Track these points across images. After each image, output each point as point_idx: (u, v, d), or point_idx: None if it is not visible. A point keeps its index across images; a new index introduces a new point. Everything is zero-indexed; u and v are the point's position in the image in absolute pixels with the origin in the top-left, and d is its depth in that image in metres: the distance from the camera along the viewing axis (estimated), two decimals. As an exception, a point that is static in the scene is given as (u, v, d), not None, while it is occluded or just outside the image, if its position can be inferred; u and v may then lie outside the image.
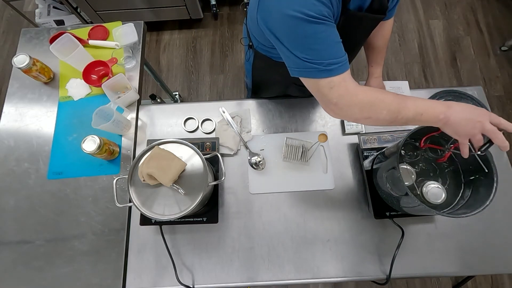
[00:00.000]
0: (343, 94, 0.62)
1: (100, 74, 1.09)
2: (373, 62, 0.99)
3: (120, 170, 0.99)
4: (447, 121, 0.61)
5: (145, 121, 1.07)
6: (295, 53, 0.61)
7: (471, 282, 1.64)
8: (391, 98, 0.62)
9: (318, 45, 0.59)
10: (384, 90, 0.70)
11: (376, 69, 0.99)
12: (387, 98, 0.62)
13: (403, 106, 0.61)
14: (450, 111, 0.60)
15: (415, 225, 0.91)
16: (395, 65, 2.15)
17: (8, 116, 1.08)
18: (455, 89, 1.04)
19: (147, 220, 0.91)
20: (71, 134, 1.03)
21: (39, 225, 0.94)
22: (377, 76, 1.00)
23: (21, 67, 1.01)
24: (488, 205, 0.67)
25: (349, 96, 0.62)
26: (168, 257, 0.87)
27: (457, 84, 2.08)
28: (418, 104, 0.62)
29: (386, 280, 0.85)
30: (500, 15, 2.24)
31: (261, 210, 0.94)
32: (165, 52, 2.26)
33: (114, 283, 0.88)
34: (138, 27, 1.17)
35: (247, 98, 1.18)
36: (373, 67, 1.00)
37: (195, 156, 0.80)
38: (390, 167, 0.78)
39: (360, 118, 0.64)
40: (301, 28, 0.57)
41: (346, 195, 0.95)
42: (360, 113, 0.63)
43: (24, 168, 1.00)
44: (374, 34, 0.93)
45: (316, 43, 0.59)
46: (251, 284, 0.88)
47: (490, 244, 0.89)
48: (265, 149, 1.00)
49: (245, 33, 0.94)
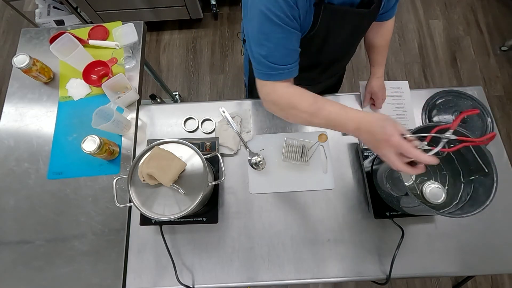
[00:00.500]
0: (269, 93, 0.70)
1: (100, 74, 1.09)
2: (374, 62, 1.00)
3: (120, 170, 0.99)
4: (359, 135, 0.63)
5: (145, 121, 1.07)
6: (251, 44, 0.67)
7: (471, 282, 1.64)
8: (307, 104, 0.66)
9: (269, 43, 0.63)
10: (307, 93, 0.67)
11: (378, 70, 1.00)
12: (302, 104, 0.66)
13: (316, 116, 0.66)
14: (357, 132, 0.62)
15: (415, 225, 0.91)
16: (395, 65, 2.15)
17: (8, 116, 1.08)
18: (455, 89, 1.04)
19: (147, 220, 0.91)
20: (71, 134, 1.03)
21: (39, 225, 0.94)
22: (379, 76, 1.00)
23: (21, 67, 1.01)
24: (488, 205, 0.67)
25: (273, 95, 0.69)
26: (168, 257, 0.87)
27: (457, 84, 2.08)
28: (331, 118, 0.65)
29: (386, 280, 0.85)
30: (500, 15, 2.24)
31: (261, 210, 0.94)
32: (165, 52, 2.26)
33: (114, 283, 0.88)
34: (138, 27, 1.18)
35: (247, 97, 1.18)
36: (374, 67, 1.00)
37: (195, 156, 0.80)
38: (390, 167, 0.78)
39: (280, 115, 0.72)
40: (260, 23, 0.62)
41: (346, 195, 0.95)
42: (280, 112, 0.71)
43: (24, 168, 1.00)
44: (374, 34, 0.94)
45: (267, 41, 0.63)
46: (251, 284, 0.88)
47: (490, 244, 0.89)
48: (265, 149, 1.00)
49: (243, 27, 0.95)
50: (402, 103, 1.04)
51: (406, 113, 1.03)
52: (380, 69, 0.99)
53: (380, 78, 1.00)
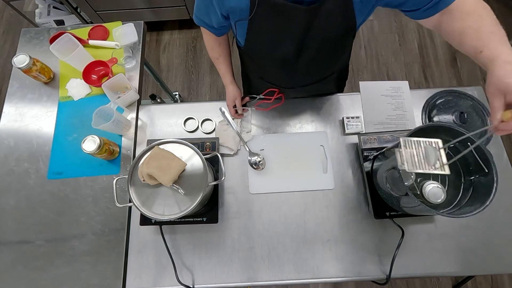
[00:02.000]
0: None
1: (100, 74, 1.09)
2: (478, 45, 0.60)
3: (120, 170, 0.99)
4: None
5: (145, 121, 1.07)
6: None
7: (471, 282, 1.64)
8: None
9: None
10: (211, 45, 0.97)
11: (497, 50, 0.57)
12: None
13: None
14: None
15: (415, 225, 0.91)
16: (395, 65, 2.15)
17: (8, 116, 1.08)
18: (455, 89, 1.04)
19: (147, 220, 0.91)
20: (71, 134, 1.03)
21: (39, 225, 0.94)
22: (507, 60, 0.55)
23: (21, 67, 1.01)
24: (488, 205, 0.67)
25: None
26: (168, 257, 0.87)
27: (457, 84, 2.08)
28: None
29: (386, 280, 0.85)
30: (500, 15, 2.22)
31: (261, 210, 0.94)
32: (165, 52, 2.26)
33: (114, 283, 0.88)
34: (138, 27, 1.18)
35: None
36: (484, 52, 0.59)
37: (195, 156, 0.80)
38: (390, 167, 0.78)
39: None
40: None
41: (346, 195, 0.95)
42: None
43: (24, 168, 1.00)
44: (449, 24, 0.65)
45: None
46: (251, 284, 0.88)
47: (490, 244, 0.89)
48: (265, 149, 1.00)
49: None
50: (402, 103, 1.04)
51: (406, 113, 1.03)
52: (499, 48, 0.57)
53: (509, 63, 0.55)
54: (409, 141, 0.69)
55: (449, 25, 0.65)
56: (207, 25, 0.86)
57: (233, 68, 1.04)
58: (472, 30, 0.61)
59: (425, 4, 0.66)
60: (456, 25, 0.64)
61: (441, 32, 0.69)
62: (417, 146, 0.69)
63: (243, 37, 0.82)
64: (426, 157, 0.68)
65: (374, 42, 2.22)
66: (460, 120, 0.97)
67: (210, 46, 0.97)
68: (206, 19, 0.83)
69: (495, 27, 0.60)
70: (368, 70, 2.15)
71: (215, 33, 0.90)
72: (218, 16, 0.77)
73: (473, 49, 0.61)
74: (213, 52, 0.98)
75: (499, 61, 0.55)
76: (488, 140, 0.96)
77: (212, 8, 0.75)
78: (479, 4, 0.63)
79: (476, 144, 0.66)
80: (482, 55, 0.59)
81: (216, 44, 0.96)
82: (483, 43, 0.59)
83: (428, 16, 0.68)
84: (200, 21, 0.86)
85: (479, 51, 0.59)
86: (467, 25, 0.62)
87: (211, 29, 0.88)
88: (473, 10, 0.63)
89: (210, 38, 0.94)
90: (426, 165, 0.67)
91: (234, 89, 1.01)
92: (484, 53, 0.59)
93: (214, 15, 0.78)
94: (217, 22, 0.81)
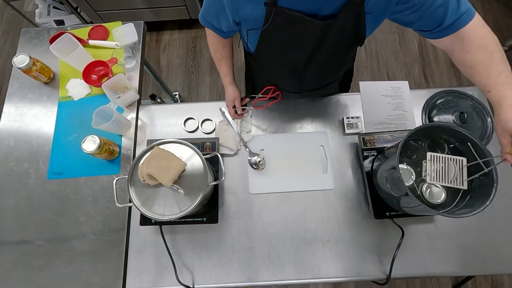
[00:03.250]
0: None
1: (100, 74, 1.09)
2: (487, 84, 0.65)
3: (120, 170, 0.99)
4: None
5: (145, 121, 1.07)
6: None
7: (471, 282, 1.64)
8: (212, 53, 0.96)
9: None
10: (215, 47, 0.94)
11: (505, 92, 0.63)
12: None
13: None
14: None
15: (415, 225, 0.91)
16: (395, 65, 2.15)
17: (8, 116, 1.08)
18: (455, 89, 1.04)
19: (147, 220, 0.91)
20: (71, 134, 1.03)
21: (39, 225, 0.94)
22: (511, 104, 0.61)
23: (21, 67, 1.01)
24: (488, 205, 0.67)
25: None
26: (168, 257, 0.87)
27: (457, 84, 2.08)
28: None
29: (386, 280, 0.85)
30: (500, 15, 2.24)
31: (261, 210, 0.94)
32: (165, 52, 2.26)
33: (114, 283, 0.88)
34: (138, 27, 1.17)
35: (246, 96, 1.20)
36: (491, 92, 0.64)
37: (195, 156, 0.80)
38: (390, 167, 0.78)
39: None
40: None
41: (346, 195, 0.95)
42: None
43: (24, 168, 1.00)
44: (460, 53, 0.69)
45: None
46: (251, 284, 0.88)
47: (490, 244, 0.89)
48: (265, 149, 1.00)
49: None
50: (402, 103, 1.05)
51: (406, 113, 1.03)
52: (506, 91, 0.62)
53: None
54: (436, 156, 0.75)
55: (461, 54, 0.69)
56: (215, 28, 0.84)
57: (233, 69, 1.04)
58: (482, 68, 0.66)
59: (433, 28, 0.68)
60: (467, 57, 0.68)
61: (453, 59, 0.73)
62: (441, 161, 0.75)
63: (254, 45, 0.83)
64: (447, 171, 0.74)
65: (374, 42, 2.22)
66: (460, 120, 0.97)
67: (214, 48, 0.95)
68: (215, 22, 0.81)
69: (503, 66, 0.64)
70: (368, 70, 2.15)
71: (222, 36, 0.88)
72: (229, 22, 0.76)
73: (482, 86, 0.67)
74: (216, 53, 0.96)
75: (505, 104, 0.62)
76: (488, 140, 0.96)
77: (224, 14, 0.74)
78: (489, 37, 0.66)
79: (490, 168, 0.70)
80: (490, 94, 0.65)
81: (220, 46, 0.94)
82: (492, 83, 0.64)
83: (438, 37, 0.70)
84: (206, 23, 0.84)
85: (487, 90, 0.65)
86: (477, 61, 0.66)
87: (218, 32, 0.86)
88: (484, 44, 0.66)
89: (215, 40, 0.92)
90: (446, 179, 0.74)
91: (234, 90, 1.01)
92: (492, 93, 0.64)
93: (225, 20, 0.77)
94: (227, 27, 0.80)
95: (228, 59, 0.99)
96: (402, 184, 0.70)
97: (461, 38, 0.67)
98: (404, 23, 0.71)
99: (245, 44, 0.94)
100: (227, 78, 1.01)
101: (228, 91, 1.02)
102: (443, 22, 0.65)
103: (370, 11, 0.67)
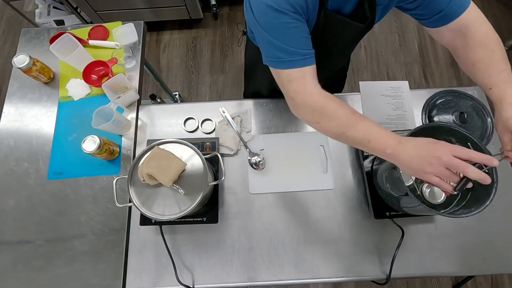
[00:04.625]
0: (299, 90, 0.62)
1: (100, 74, 1.09)
2: (488, 82, 0.66)
3: (120, 170, 0.99)
4: (395, 158, 0.59)
5: (145, 121, 1.07)
6: (263, 39, 0.63)
7: (471, 282, 1.64)
8: (344, 113, 0.62)
9: (283, 34, 0.61)
10: (344, 103, 0.64)
11: (505, 91, 0.63)
12: (340, 111, 0.62)
13: (353, 125, 0.61)
14: (399, 147, 0.58)
15: (415, 225, 0.91)
16: (395, 65, 2.15)
17: (8, 116, 1.08)
18: (455, 89, 1.03)
19: (147, 220, 0.91)
20: (71, 134, 1.03)
21: (39, 225, 0.94)
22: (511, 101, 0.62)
23: (21, 67, 1.01)
24: (488, 205, 0.67)
25: (305, 94, 0.62)
26: (168, 257, 0.87)
27: (457, 84, 2.08)
28: (370, 130, 0.61)
29: (386, 280, 0.85)
30: (500, 15, 2.24)
31: (261, 210, 0.94)
32: (165, 52, 2.26)
33: (114, 283, 0.88)
34: (138, 27, 1.17)
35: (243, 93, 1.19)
36: (493, 90, 0.65)
37: (195, 156, 0.80)
38: (390, 167, 0.78)
39: (311, 120, 0.65)
40: (270, 16, 0.59)
41: (346, 195, 0.95)
42: (311, 114, 0.63)
43: (24, 168, 1.00)
44: (467, 48, 0.69)
45: (282, 32, 0.61)
46: (251, 284, 0.88)
47: (490, 244, 0.89)
48: (265, 149, 1.00)
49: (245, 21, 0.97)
50: (402, 103, 1.05)
51: (406, 113, 1.03)
52: (507, 89, 0.63)
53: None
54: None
55: (463, 51, 0.70)
56: (308, 54, 0.63)
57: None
58: (483, 66, 0.67)
59: (433, 15, 0.69)
60: (469, 54, 0.69)
61: (455, 56, 0.73)
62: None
63: None
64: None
65: (374, 42, 2.22)
66: (460, 120, 0.97)
67: (337, 103, 0.63)
68: (305, 46, 0.62)
69: (504, 65, 0.66)
70: (368, 70, 2.15)
71: (313, 58, 0.66)
72: (306, 27, 0.64)
73: (483, 84, 0.68)
74: (345, 110, 0.63)
75: (506, 103, 0.62)
76: (488, 140, 0.96)
77: (301, 24, 0.62)
78: (491, 35, 0.68)
79: (489, 167, 0.68)
80: (491, 92, 0.66)
81: (342, 102, 0.64)
82: (493, 81, 0.65)
83: (437, 26, 0.71)
84: (297, 59, 0.61)
85: (488, 88, 0.66)
86: (479, 58, 0.67)
87: (311, 57, 0.64)
88: (485, 41, 0.67)
89: (330, 96, 0.64)
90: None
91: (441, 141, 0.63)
92: (493, 91, 0.65)
93: (305, 31, 0.63)
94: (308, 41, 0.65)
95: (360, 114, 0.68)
96: (402, 184, 0.70)
97: (463, 34, 0.68)
98: (405, 9, 0.73)
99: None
100: (391, 132, 0.62)
101: (437, 144, 0.59)
102: (443, 9, 0.66)
103: (380, 3, 0.70)
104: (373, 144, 0.60)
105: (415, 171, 0.58)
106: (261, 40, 0.65)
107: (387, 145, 0.59)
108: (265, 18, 0.60)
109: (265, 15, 0.60)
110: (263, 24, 0.61)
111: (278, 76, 0.65)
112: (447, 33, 0.71)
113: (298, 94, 0.63)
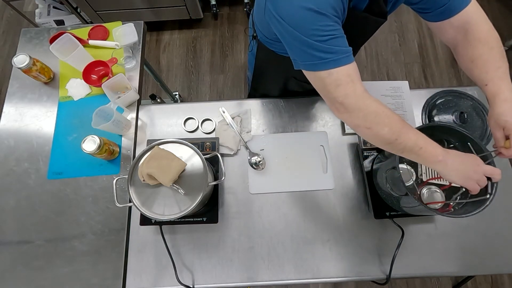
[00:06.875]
0: (349, 94, 0.61)
1: (100, 74, 1.09)
2: (485, 79, 0.67)
3: (120, 170, 0.99)
4: (445, 165, 0.62)
5: (145, 121, 1.07)
6: (301, 43, 0.60)
7: (471, 282, 1.64)
8: (396, 118, 0.62)
9: (325, 36, 0.58)
10: (391, 110, 0.63)
11: (499, 88, 0.65)
12: (393, 116, 0.61)
13: (406, 132, 0.61)
14: (448, 155, 0.62)
15: (415, 225, 0.91)
16: (395, 65, 2.15)
17: (8, 116, 1.08)
18: (455, 89, 1.04)
19: (147, 220, 0.91)
20: (71, 134, 1.03)
21: (39, 225, 0.94)
22: (506, 98, 0.64)
23: (21, 67, 1.01)
24: (488, 205, 0.67)
25: (356, 98, 0.61)
26: (168, 257, 0.87)
27: (457, 84, 2.08)
28: (419, 137, 0.62)
29: (386, 280, 0.85)
30: (500, 15, 2.24)
31: (261, 210, 0.94)
32: (165, 52, 2.26)
33: (114, 283, 0.88)
34: (138, 27, 1.17)
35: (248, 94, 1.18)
36: (491, 85, 0.66)
37: (195, 156, 0.80)
38: (390, 167, 0.78)
39: (361, 125, 0.63)
40: (311, 19, 0.57)
41: (346, 195, 0.95)
42: (363, 119, 0.61)
43: (24, 168, 1.00)
44: (467, 45, 0.70)
45: (324, 34, 0.58)
46: (251, 284, 0.88)
47: (490, 244, 0.89)
48: (265, 149, 1.00)
49: (251, 24, 0.95)
50: (402, 103, 1.04)
51: (406, 113, 1.03)
52: (501, 85, 0.65)
53: (508, 101, 0.64)
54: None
55: (463, 48, 0.71)
56: (350, 52, 0.61)
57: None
58: (481, 62, 0.67)
59: (436, 8, 0.70)
60: (469, 51, 0.69)
61: (456, 53, 0.74)
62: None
63: None
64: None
65: (374, 42, 2.22)
66: (460, 120, 0.97)
67: (388, 108, 0.62)
68: (345, 44, 0.61)
69: (501, 62, 0.67)
70: (368, 70, 2.15)
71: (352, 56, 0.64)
72: (341, 28, 0.62)
73: (480, 80, 0.68)
74: (396, 115, 0.62)
75: (499, 98, 0.64)
76: (488, 140, 0.96)
77: (339, 26, 0.61)
78: (491, 32, 0.69)
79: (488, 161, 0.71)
80: (487, 88, 0.67)
81: (391, 110, 0.64)
82: (489, 77, 0.66)
83: (438, 20, 0.72)
84: (342, 57, 0.60)
85: (484, 84, 0.67)
86: (478, 55, 0.68)
87: (351, 55, 0.62)
88: (485, 38, 0.68)
89: (379, 102, 0.63)
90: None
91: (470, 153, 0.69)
92: (488, 86, 0.66)
93: (342, 31, 0.62)
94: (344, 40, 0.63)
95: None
96: (402, 184, 0.70)
97: (465, 30, 0.69)
98: (411, 3, 0.74)
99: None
100: (436, 145, 0.64)
101: (466, 157, 0.65)
102: (446, 3, 0.68)
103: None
104: (424, 151, 0.61)
105: (463, 178, 0.62)
106: (295, 44, 0.61)
107: (437, 152, 0.61)
108: (304, 22, 0.58)
109: (305, 19, 0.58)
110: (301, 28, 0.59)
111: (322, 81, 0.62)
112: (449, 29, 0.71)
113: (349, 98, 0.61)
